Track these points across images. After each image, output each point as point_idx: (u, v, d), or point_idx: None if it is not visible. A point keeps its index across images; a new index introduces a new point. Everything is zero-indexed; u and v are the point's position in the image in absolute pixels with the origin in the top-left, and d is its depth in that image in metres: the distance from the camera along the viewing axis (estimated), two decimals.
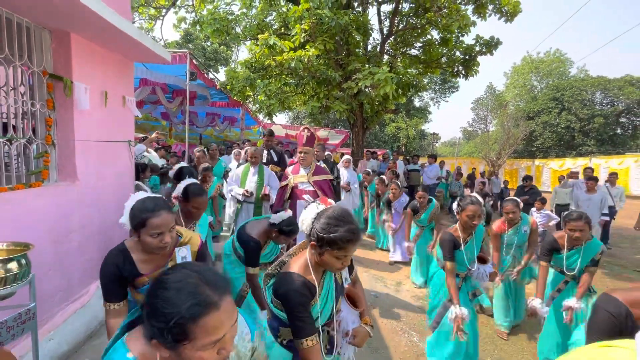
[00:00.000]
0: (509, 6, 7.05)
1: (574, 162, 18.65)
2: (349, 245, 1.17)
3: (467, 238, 2.29)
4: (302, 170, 3.32)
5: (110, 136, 2.97)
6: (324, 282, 1.30)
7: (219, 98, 9.57)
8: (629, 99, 24.39)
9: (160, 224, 1.30)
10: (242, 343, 0.95)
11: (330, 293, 1.32)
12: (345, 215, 1.22)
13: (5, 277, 1.37)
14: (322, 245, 1.20)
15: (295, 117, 29.39)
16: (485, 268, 2.34)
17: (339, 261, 1.20)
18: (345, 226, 1.17)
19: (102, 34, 2.54)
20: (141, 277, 1.38)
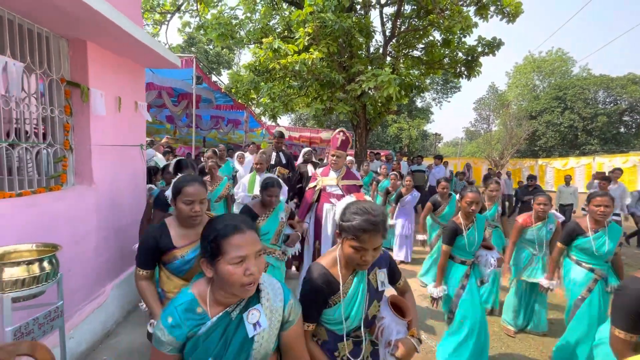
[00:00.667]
0: (510, 7, 7.10)
1: (577, 161, 18.62)
2: (363, 235, 1.13)
3: (469, 225, 2.48)
4: (332, 173, 3.26)
5: (124, 140, 3.05)
6: (354, 281, 1.26)
7: (224, 101, 9.69)
8: (632, 97, 24.32)
9: (193, 192, 1.48)
10: (275, 297, 1.03)
11: (360, 295, 1.25)
12: (370, 208, 1.18)
13: (37, 275, 1.44)
14: (341, 233, 1.21)
15: (297, 119, 29.51)
16: (491, 254, 2.48)
17: (357, 253, 1.17)
18: (364, 216, 1.14)
19: (117, 42, 2.62)
20: (174, 250, 1.50)
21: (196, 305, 0.97)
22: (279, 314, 1.02)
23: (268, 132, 14.67)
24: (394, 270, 1.41)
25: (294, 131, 16.37)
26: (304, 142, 15.87)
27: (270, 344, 1.00)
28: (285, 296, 1.06)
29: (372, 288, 1.29)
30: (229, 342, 0.95)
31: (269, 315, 1.00)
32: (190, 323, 0.94)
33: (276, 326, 1.02)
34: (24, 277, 1.41)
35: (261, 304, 1.00)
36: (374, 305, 1.31)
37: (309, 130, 16.94)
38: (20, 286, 1.40)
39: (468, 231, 2.46)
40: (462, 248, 2.47)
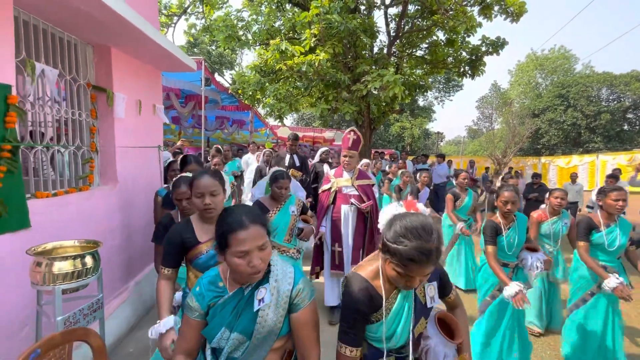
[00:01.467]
0: (514, 7, 7.16)
1: (580, 159, 18.62)
2: (411, 264, 0.98)
3: (509, 225, 2.38)
4: (345, 174, 3.20)
5: (143, 142, 3.16)
6: (399, 295, 1.13)
7: (229, 102, 9.80)
8: (635, 95, 24.24)
9: (202, 184, 1.49)
10: (283, 279, 1.08)
11: (407, 312, 1.13)
12: (422, 229, 1.00)
13: (82, 269, 1.55)
14: (385, 252, 1.05)
15: (300, 118, 29.61)
16: (536, 256, 2.35)
17: (401, 278, 1.03)
18: (415, 242, 0.97)
19: (139, 47, 2.73)
20: (198, 245, 1.51)
21: (219, 280, 1.10)
22: (286, 295, 1.06)
23: (272, 132, 14.78)
24: (445, 283, 1.27)
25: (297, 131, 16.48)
26: (308, 142, 15.97)
27: (277, 323, 1.04)
28: (295, 280, 1.09)
29: (419, 304, 1.15)
30: (239, 314, 1.05)
31: (275, 295, 1.05)
32: (211, 294, 1.08)
33: (282, 306, 1.05)
34: (72, 270, 1.52)
35: (269, 283, 1.07)
36: (421, 323, 1.18)
37: (313, 130, 17.03)
38: (69, 279, 1.51)
39: (508, 231, 2.37)
40: (502, 249, 2.37)
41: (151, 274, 3.24)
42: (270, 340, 1.06)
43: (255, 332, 1.03)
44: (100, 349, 1.30)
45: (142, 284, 3.04)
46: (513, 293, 2.08)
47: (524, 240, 2.41)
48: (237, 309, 1.06)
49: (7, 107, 1.68)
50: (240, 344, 1.04)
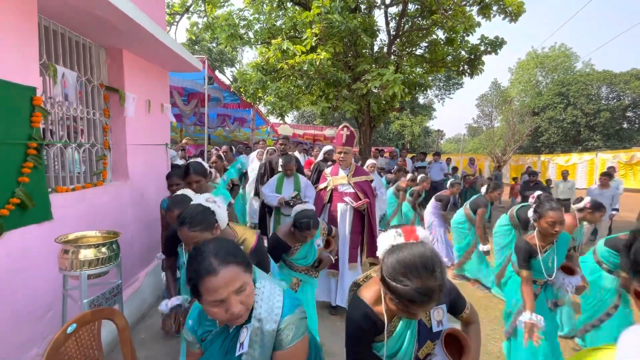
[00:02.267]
0: (513, 6, 7.26)
1: (580, 157, 18.73)
2: (412, 305, 0.92)
3: (547, 247, 2.09)
4: (341, 171, 3.13)
5: (152, 140, 3.30)
6: (401, 320, 1.10)
7: (231, 100, 9.91)
8: (635, 93, 24.30)
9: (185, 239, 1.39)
10: (268, 318, 0.97)
11: (409, 336, 1.10)
12: (423, 266, 0.92)
13: (105, 257, 1.69)
14: (384, 285, 0.99)
15: (300, 116, 29.71)
16: (570, 280, 2.13)
17: (402, 313, 0.99)
18: (415, 281, 0.90)
19: (149, 49, 2.86)
20: None
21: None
22: (271, 335, 0.96)
23: (273, 130, 14.90)
24: (456, 303, 1.20)
25: (298, 129, 16.60)
26: (308, 140, 16.08)
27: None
28: (282, 316, 0.98)
29: (424, 329, 1.12)
30: (227, 352, 1.00)
31: (259, 336, 0.96)
32: (203, 327, 1.05)
33: (269, 344, 0.97)
34: (96, 257, 1.66)
35: (251, 324, 0.97)
36: (427, 346, 1.13)
37: (313, 128, 17.15)
38: (93, 265, 1.65)
39: (545, 254, 2.09)
40: (538, 271, 2.12)
41: (159, 267, 3.39)
42: None
43: None
44: (124, 327, 1.44)
45: (152, 275, 3.19)
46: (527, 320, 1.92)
47: (562, 260, 2.15)
48: (223, 347, 1.01)
49: (33, 108, 1.81)
50: None
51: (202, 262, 0.90)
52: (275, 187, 3.47)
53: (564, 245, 2.14)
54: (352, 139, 3.09)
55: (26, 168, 1.76)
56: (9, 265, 1.71)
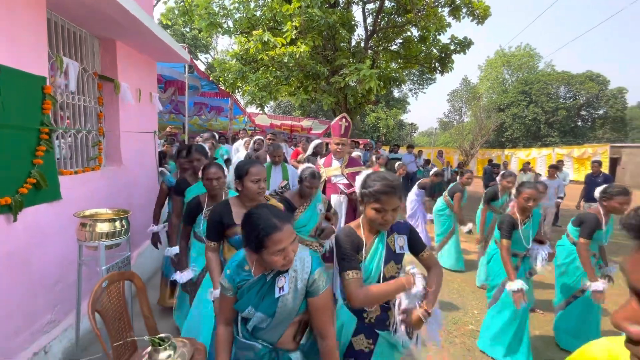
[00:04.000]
0: (480, 10, 7.80)
1: (539, 152, 20.24)
2: (383, 197, 1.30)
3: (525, 220, 2.52)
4: (335, 162, 3.13)
5: (143, 127, 3.44)
6: (375, 242, 1.41)
7: (209, 88, 9.89)
8: (589, 93, 26.38)
9: (259, 172, 1.71)
10: (302, 269, 1.22)
11: (379, 254, 1.40)
12: (386, 174, 1.37)
13: (118, 230, 1.91)
14: (363, 199, 1.37)
15: (277, 106, 29.60)
16: (543, 248, 2.52)
17: (378, 214, 1.33)
18: (383, 181, 1.32)
19: (142, 40, 3.00)
20: (234, 226, 1.70)
21: (245, 264, 1.26)
22: (303, 284, 1.20)
23: (250, 120, 14.89)
24: (415, 240, 1.48)
25: (275, 119, 16.65)
26: (285, 130, 16.21)
27: (295, 306, 1.20)
28: (312, 270, 1.22)
29: (389, 250, 1.42)
30: (263, 297, 1.20)
31: (294, 283, 1.19)
32: (240, 276, 1.24)
33: (300, 293, 1.20)
34: (111, 230, 1.88)
35: (288, 273, 1.20)
36: (391, 265, 1.42)
37: (291, 119, 17.26)
38: (110, 237, 1.87)
39: (524, 226, 2.50)
40: (516, 242, 2.50)
41: (151, 247, 3.58)
42: (290, 318, 1.22)
43: (277, 313, 1.19)
44: (142, 288, 1.69)
45: (143, 256, 3.38)
46: (516, 289, 2.26)
47: (534, 233, 2.58)
48: (261, 293, 1.21)
49: (44, 96, 1.97)
50: (263, 320, 1.20)
51: (268, 221, 1.14)
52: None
53: (537, 220, 2.60)
54: (349, 130, 3.14)
55: (39, 151, 1.93)
56: (26, 240, 1.89)
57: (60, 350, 2.11)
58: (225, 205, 1.76)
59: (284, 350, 1.24)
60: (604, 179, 6.22)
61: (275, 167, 3.52)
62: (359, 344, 1.42)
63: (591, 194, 6.33)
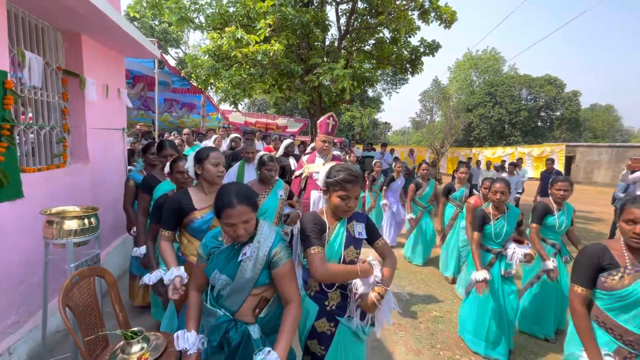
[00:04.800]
0: (447, 14, 8.16)
1: (503, 150, 21.42)
2: (347, 185, 1.43)
3: (498, 215, 2.60)
4: (318, 159, 3.18)
5: (111, 124, 3.36)
6: (336, 227, 1.53)
7: (180, 84, 9.67)
8: (547, 96, 28.19)
9: (218, 156, 1.79)
10: (264, 242, 1.37)
11: (340, 237, 1.52)
12: (348, 165, 1.51)
13: (87, 227, 1.89)
14: (328, 188, 1.49)
15: (252, 104, 29.24)
16: (519, 248, 2.49)
17: (343, 201, 1.46)
18: (347, 171, 1.46)
19: (109, 35, 2.93)
20: (194, 212, 1.74)
21: (219, 235, 1.44)
22: (264, 254, 1.35)
23: (223, 117, 14.64)
24: (371, 229, 1.61)
25: (250, 117, 16.47)
26: (260, 128, 16.10)
27: (254, 274, 1.33)
28: (273, 244, 1.37)
29: (349, 235, 1.55)
30: (229, 261, 1.36)
31: (256, 252, 1.34)
32: (212, 244, 1.42)
33: (260, 262, 1.34)
34: (79, 228, 1.85)
35: (252, 243, 1.36)
36: (351, 250, 1.54)
37: (266, 117, 17.14)
38: (78, 234, 1.84)
39: (496, 221, 2.56)
40: (489, 237, 2.57)
41: (119, 247, 3.51)
42: (249, 286, 1.34)
43: (237, 276, 1.32)
44: (113, 283, 1.70)
45: (112, 255, 3.31)
46: (480, 278, 2.38)
47: (511, 232, 2.59)
48: (227, 258, 1.37)
49: (5, 91, 1.91)
50: (226, 284, 1.34)
51: (228, 197, 1.29)
52: (237, 176, 3.45)
53: (514, 218, 2.62)
54: (335, 128, 3.21)
55: (0, 148, 1.88)
56: None
57: (26, 351, 2.06)
58: (184, 193, 1.79)
59: (242, 322, 1.35)
60: (557, 175, 6.76)
61: (248, 164, 3.50)
62: (321, 327, 1.53)
63: (546, 189, 6.90)
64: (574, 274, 1.53)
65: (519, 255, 2.45)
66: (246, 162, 3.52)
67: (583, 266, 1.49)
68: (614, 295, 1.41)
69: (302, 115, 24.03)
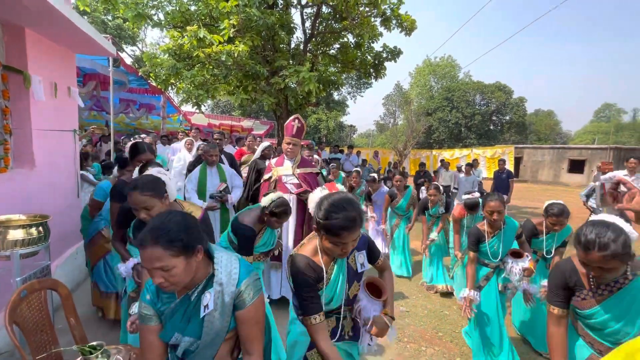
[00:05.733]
0: (407, 23, 8.54)
1: (460, 152, 22.75)
2: (344, 232, 1.16)
3: (494, 232, 2.42)
4: (286, 162, 3.12)
5: (60, 125, 3.11)
6: (335, 266, 1.32)
7: (137, 84, 9.20)
8: (498, 101, 30.42)
9: (132, 201, 1.49)
10: (228, 282, 1.10)
11: (342, 277, 1.33)
12: (346, 202, 1.20)
13: (35, 237, 1.73)
14: (320, 229, 1.22)
15: (215, 105, 28.46)
16: (517, 262, 2.33)
17: (337, 248, 1.21)
18: (342, 213, 1.16)
19: (57, 29, 2.72)
20: None
21: None
22: (231, 297, 1.08)
23: (185, 119, 14.11)
24: (372, 250, 1.46)
25: (214, 119, 16.03)
26: (225, 130, 15.75)
27: (224, 323, 1.09)
28: (239, 281, 1.10)
29: (351, 271, 1.36)
30: (189, 319, 1.08)
31: (220, 298, 1.07)
32: (162, 301, 1.11)
33: (228, 309, 1.08)
34: (26, 238, 1.69)
35: (213, 288, 1.08)
36: (355, 286, 1.39)
37: (230, 119, 16.78)
38: (25, 245, 1.68)
39: (491, 240, 2.41)
40: (485, 255, 2.45)
41: (71, 258, 3.25)
42: (221, 337, 1.11)
43: (204, 335, 1.08)
44: (67, 296, 1.57)
45: (64, 267, 3.06)
46: (465, 296, 2.31)
47: (509, 247, 2.44)
48: (186, 315, 1.09)
49: None
50: (193, 342, 1.10)
51: (143, 232, 0.99)
52: (199, 181, 3.31)
53: (511, 233, 2.44)
54: (302, 131, 3.14)
55: None
56: None
57: None
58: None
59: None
60: (507, 175, 7.33)
61: (210, 168, 3.33)
62: (314, 358, 1.38)
63: (498, 187, 7.46)
64: (549, 293, 1.46)
65: (517, 269, 2.30)
66: (208, 166, 3.35)
67: (555, 287, 1.42)
68: (579, 313, 1.39)
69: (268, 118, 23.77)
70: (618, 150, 19.28)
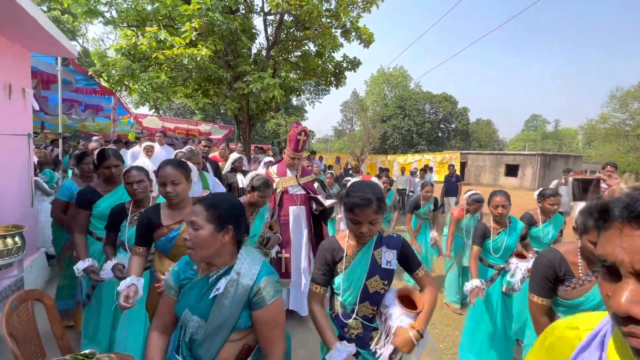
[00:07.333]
0: (366, 35, 9.03)
1: (413, 157, 24.17)
2: (357, 210, 1.24)
3: (499, 229, 2.42)
4: (289, 172, 3.04)
5: (12, 129, 2.89)
6: (359, 253, 1.35)
7: (85, 84, 8.61)
8: (445, 110, 32.92)
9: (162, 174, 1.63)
10: (246, 274, 1.11)
11: (363, 266, 1.34)
12: (367, 185, 1.30)
13: (9, 249, 1.64)
14: (342, 209, 1.32)
15: (168, 108, 27.14)
16: (521, 263, 2.32)
17: (354, 226, 1.28)
18: (359, 193, 1.25)
19: (15, 27, 2.56)
20: (161, 228, 1.66)
21: (194, 263, 1.21)
22: (245, 290, 1.08)
23: (136, 122, 13.34)
24: (407, 257, 1.40)
25: (169, 122, 15.32)
26: (180, 135, 15.13)
27: (232, 313, 1.07)
28: (257, 278, 1.10)
29: (375, 263, 1.34)
30: (201, 297, 1.12)
31: (234, 286, 1.09)
32: (185, 274, 1.19)
33: (240, 300, 1.08)
34: (3, 249, 1.60)
35: (230, 275, 1.11)
36: (375, 280, 1.34)
37: (187, 122, 16.14)
38: (3, 257, 1.58)
39: (497, 236, 2.41)
40: (487, 250, 2.44)
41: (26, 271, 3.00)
42: (226, 330, 1.08)
43: (210, 317, 1.07)
44: (52, 307, 1.53)
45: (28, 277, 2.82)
46: (474, 286, 2.25)
47: (513, 245, 2.42)
48: (200, 293, 1.13)
49: None
50: (200, 326, 1.09)
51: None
52: None
53: (515, 233, 2.44)
54: (305, 144, 3.07)
55: None
56: None
57: None
58: (154, 208, 1.74)
59: None
60: (456, 179, 8.04)
61: None
62: None
63: (449, 190, 8.16)
64: (532, 282, 1.44)
65: (521, 270, 2.28)
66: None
67: (540, 277, 1.39)
68: (566, 303, 1.38)
69: (226, 122, 23.22)
70: (544, 157, 21.96)
